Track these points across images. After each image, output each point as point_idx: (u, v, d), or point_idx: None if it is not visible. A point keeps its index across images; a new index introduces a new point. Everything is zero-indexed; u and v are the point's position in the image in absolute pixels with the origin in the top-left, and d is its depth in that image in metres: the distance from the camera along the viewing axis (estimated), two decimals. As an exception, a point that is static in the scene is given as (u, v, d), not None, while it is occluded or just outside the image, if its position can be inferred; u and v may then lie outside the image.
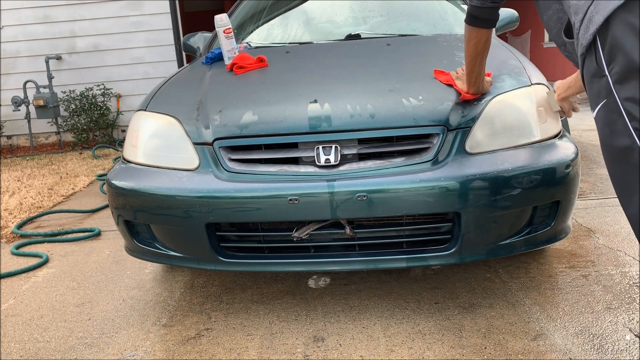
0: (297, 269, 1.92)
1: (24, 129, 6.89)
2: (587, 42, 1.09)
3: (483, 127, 1.89)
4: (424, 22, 2.97)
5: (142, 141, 2.10)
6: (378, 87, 2.05)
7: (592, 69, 1.10)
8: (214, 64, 2.64)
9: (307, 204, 1.78)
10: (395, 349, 1.78)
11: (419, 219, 1.90)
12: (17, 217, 3.63)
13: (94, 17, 6.80)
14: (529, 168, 1.81)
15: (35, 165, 5.57)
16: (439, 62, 2.20)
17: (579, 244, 2.55)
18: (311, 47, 2.74)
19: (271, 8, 3.24)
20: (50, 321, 2.16)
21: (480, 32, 1.71)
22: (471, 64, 1.82)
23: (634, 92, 1.02)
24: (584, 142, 4.84)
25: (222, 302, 2.20)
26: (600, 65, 1.07)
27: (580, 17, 1.12)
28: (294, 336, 1.91)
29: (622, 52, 1.02)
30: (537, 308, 1.98)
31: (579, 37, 1.13)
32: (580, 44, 1.12)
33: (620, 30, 1.03)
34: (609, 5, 1.04)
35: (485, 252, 1.90)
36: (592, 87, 1.12)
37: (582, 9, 1.12)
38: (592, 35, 1.07)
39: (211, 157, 1.92)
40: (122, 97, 6.97)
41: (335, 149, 1.84)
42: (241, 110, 2.00)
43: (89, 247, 3.00)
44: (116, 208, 2.07)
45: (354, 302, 2.12)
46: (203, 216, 1.85)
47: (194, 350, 1.86)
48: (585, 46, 1.10)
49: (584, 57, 1.12)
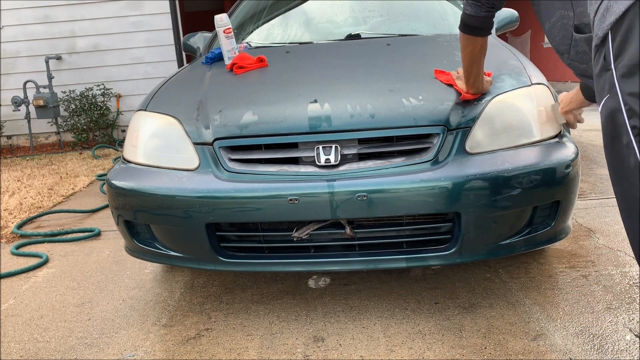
0: (297, 269, 1.92)
1: (24, 129, 6.89)
2: (603, 33, 1.05)
3: (483, 127, 1.89)
4: (424, 22, 2.97)
5: (142, 141, 2.10)
6: (378, 87, 2.05)
7: (600, 63, 1.08)
8: (214, 64, 2.64)
9: (307, 204, 1.78)
10: (395, 349, 1.78)
11: (419, 219, 1.90)
12: (17, 217, 3.63)
13: (94, 17, 6.80)
14: (529, 168, 1.81)
15: (35, 165, 5.56)
16: (439, 62, 2.20)
17: (579, 244, 2.55)
18: (311, 47, 2.74)
19: (271, 8, 3.24)
20: (50, 321, 2.16)
21: (475, 40, 1.70)
22: (468, 68, 1.83)
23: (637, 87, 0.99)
24: (584, 142, 4.84)
25: (222, 302, 2.20)
26: (607, 59, 1.05)
27: (595, 7, 1.08)
28: (294, 336, 1.91)
29: (632, 45, 0.99)
30: (537, 308, 1.98)
31: (593, 27, 1.09)
32: (596, 34, 1.08)
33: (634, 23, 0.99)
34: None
35: (485, 252, 1.90)
36: (599, 82, 1.10)
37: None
38: (610, 25, 1.03)
39: (211, 157, 1.92)
40: (122, 97, 6.97)
41: (335, 149, 1.84)
42: (241, 110, 2.00)
43: (89, 247, 3.00)
44: (116, 208, 2.07)
45: (354, 302, 2.12)
46: (203, 216, 1.85)
47: (194, 350, 1.86)
48: (600, 37, 1.06)
49: (597, 50, 1.09)
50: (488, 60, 1.90)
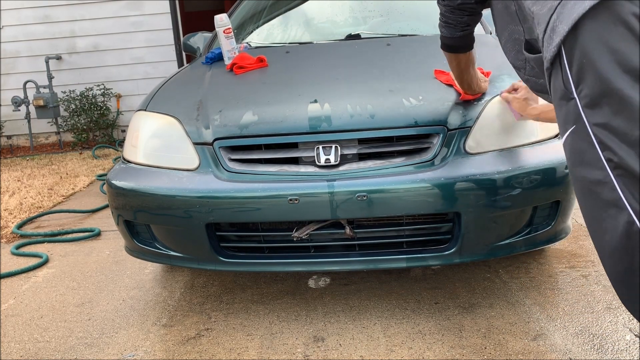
0: (297, 269, 1.92)
1: (24, 129, 6.88)
2: (551, 55, 0.95)
3: (483, 127, 1.89)
4: (424, 22, 2.97)
5: (142, 141, 2.10)
6: (378, 87, 2.05)
7: (559, 90, 0.98)
8: (214, 64, 2.64)
9: (307, 204, 1.78)
10: (395, 349, 1.78)
11: (419, 219, 1.90)
12: (17, 217, 3.63)
13: (94, 17, 6.79)
14: (529, 168, 1.81)
15: (35, 165, 5.56)
16: (439, 62, 2.19)
17: (579, 244, 2.55)
18: (311, 47, 2.74)
19: (271, 8, 3.24)
20: (50, 321, 2.16)
21: (460, 56, 1.67)
22: (459, 77, 1.81)
23: (606, 118, 0.89)
24: (584, 142, 4.84)
25: (222, 302, 2.20)
26: (567, 86, 0.95)
27: (543, 28, 0.98)
28: (294, 336, 1.91)
29: (593, 71, 0.89)
30: (537, 308, 1.98)
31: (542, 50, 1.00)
32: (545, 57, 0.99)
33: (590, 45, 0.89)
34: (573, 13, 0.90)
35: (485, 252, 1.90)
36: (560, 111, 0.99)
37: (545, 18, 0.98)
38: (557, 47, 0.94)
39: (211, 157, 1.92)
40: (122, 97, 6.96)
41: (335, 149, 1.84)
42: (241, 110, 2.00)
43: (89, 247, 3.00)
44: (116, 208, 2.07)
45: (354, 302, 2.12)
46: (203, 216, 1.85)
47: (194, 350, 1.86)
48: (549, 59, 0.96)
49: (549, 73, 0.99)
50: (488, 60, 1.90)
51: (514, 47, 1.23)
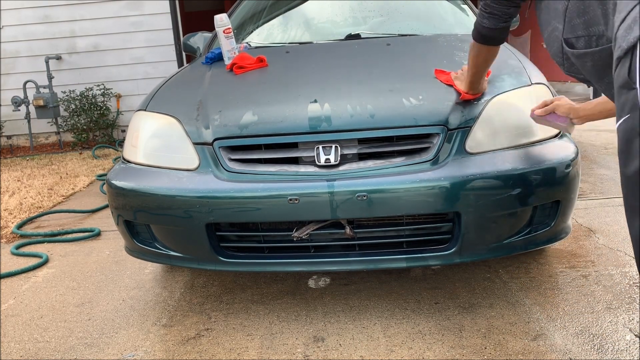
0: (297, 269, 1.92)
1: (24, 129, 6.89)
2: (628, 44, 0.98)
3: (483, 127, 1.89)
4: (424, 22, 2.97)
5: (142, 141, 2.10)
6: (378, 87, 2.04)
7: (622, 79, 1.01)
8: (214, 64, 2.64)
9: (307, 204, 1.78)
10: (395, 349, 1.78)
11: (419, 219, 1.90)
12: (17, 217, 3.63)
13: (94, 17, 6.79)
14: (529, 168, 1.81)
15: (35, 165, 5.56)
16: (439, 62, 2.20)
17: (579, 244, 2.54)
18: (311, 47, 2.74)
19: (271, 8, 3.24)
20: (50, 321, 2.16)
21: (490, 48, 1.69)
22: (477, 74, 1.82)
23: None
24: (584, 142, 4.84)
25: (222, 302, 2.20)
26: (632, 77, 0.98)
27: (623, 16, 1.02)
28: (294, 336, 1.91)
29: None
30: (537, 308, 1.98)
31: (617, 38, 1.03)
32: (619, 45, 1.01)
33: None
34: None
35: (485, 252, 1.90)
36: (620, 98, 1.04)
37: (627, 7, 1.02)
38: (636, 38, 0.96)
39: (211, 157, 1.92)
40: (122, 97, 6.97)
41: (335, 149, 1.83)
42: (241, 110, 2.00)
43: (89, 247, 3.00)
44: (116, 208, 2.07)
45: (354, 302, 2.12)
46: (203, 216, 1.85)
47: (194, 351, 1.86)
48: (624, 49, 0.99)
49: (618, 62, 1.02)
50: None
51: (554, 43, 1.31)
